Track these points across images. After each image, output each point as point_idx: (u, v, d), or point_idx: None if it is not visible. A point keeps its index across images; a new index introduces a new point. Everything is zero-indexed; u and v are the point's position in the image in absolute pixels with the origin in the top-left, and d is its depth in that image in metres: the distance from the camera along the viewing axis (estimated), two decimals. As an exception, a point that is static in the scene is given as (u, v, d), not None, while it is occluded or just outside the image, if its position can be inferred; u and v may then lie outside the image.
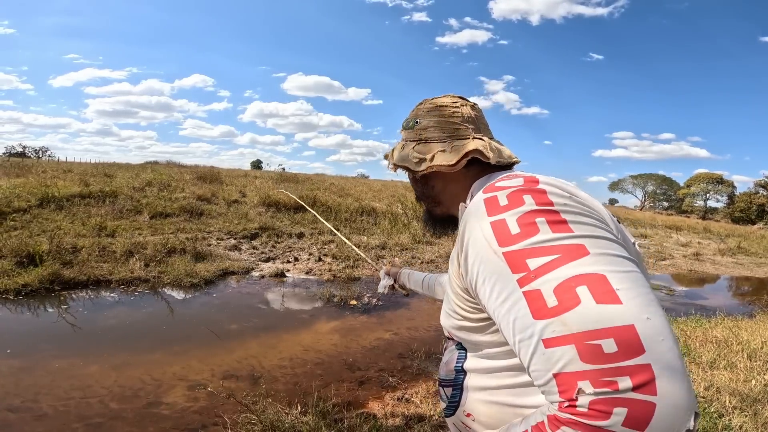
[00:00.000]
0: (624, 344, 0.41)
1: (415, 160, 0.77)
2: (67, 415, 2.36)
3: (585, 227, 0.51)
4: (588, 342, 0.42)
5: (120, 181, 9.90)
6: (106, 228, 6.55)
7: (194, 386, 2.79)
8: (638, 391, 0.40)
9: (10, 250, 4.91)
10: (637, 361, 0.41)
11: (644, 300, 0.45)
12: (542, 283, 0.47)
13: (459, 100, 0.80)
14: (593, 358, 0.42)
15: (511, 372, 0.61)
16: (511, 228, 0.52)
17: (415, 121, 0.81)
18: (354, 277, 6.13)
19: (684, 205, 49.70)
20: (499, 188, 0.58)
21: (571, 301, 0.44)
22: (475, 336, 0.64)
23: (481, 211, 0.57)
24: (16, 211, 6.50)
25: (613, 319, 0.43)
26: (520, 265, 0.49)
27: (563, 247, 0.48)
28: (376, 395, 2.88)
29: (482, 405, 0.64)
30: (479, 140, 0.75)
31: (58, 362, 2.99)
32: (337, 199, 11.19)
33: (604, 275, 0.46)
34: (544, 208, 0.52)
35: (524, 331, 0.47)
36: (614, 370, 0.41)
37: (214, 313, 4.35)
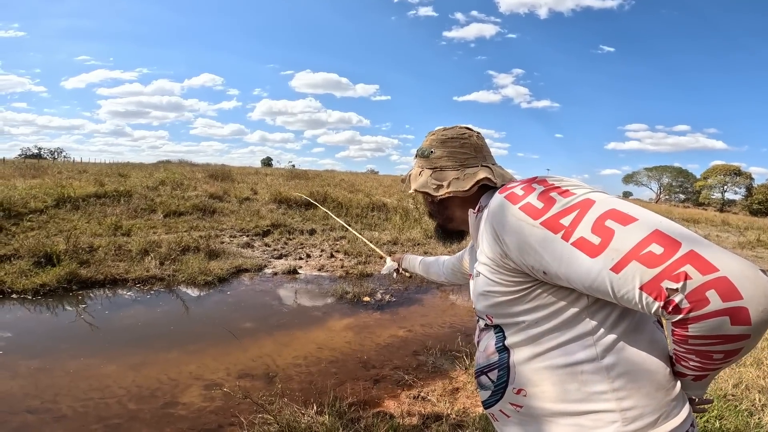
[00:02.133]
0: (664, 243, 0.53)
1: (434, 187, 0.90)
2: (86, 416, 2.37)
3: (581, 190, 0.66)
4: (642, 252, 0.53)
5: (134, 181, 10.01)
6: (121, 227, 6.63)
7: (210, 386, 2.79)
8: (706, 273, 0.49)
9: (27, 250, 4.98)
10: (683, 250, 0.51)
11: (648, 212, 0.59)
12: (581, 230, 0.59)
13: (467, 131, 0.93)
14: (655, 262, 0.52)
15: (554, 333, 0.69)
16: (537, 205, 0.65)
17: (430, 150, 0.93)
18: (366, 273, 6.10)
19: (701, 198, 48.71)
20: (511, 187, 0.72)
21: (608, 233, 0.57)
22: (515, 307, 0.72)
23: (506, 205, 0.69)
24: (32, 211, 6.60)
25: (642, 230, 0.55)
26: (557, 226, 0.62)
27: (578, 204, 0.62)
28: (391, 394, 2.85)
29: (535, 373, 0.70)
30: (487, 168, 0.88)
31: (76, 362, 3.02)
32: (348, 195, 11.18)
33: (614, 208, 0.60)
34: (550, 186, 0.68)
35: (590, 272, 0.57)
36: (677, 262, 0.50)
37: (228, 311, 4.37)
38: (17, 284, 4.30)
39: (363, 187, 14.17)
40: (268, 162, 56.49)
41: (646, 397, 0.64)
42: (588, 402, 0.65)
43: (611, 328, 0.66)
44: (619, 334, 0.66)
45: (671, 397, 0.65)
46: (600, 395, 0.64)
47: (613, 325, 0.67)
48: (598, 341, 0.66)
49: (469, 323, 4.31)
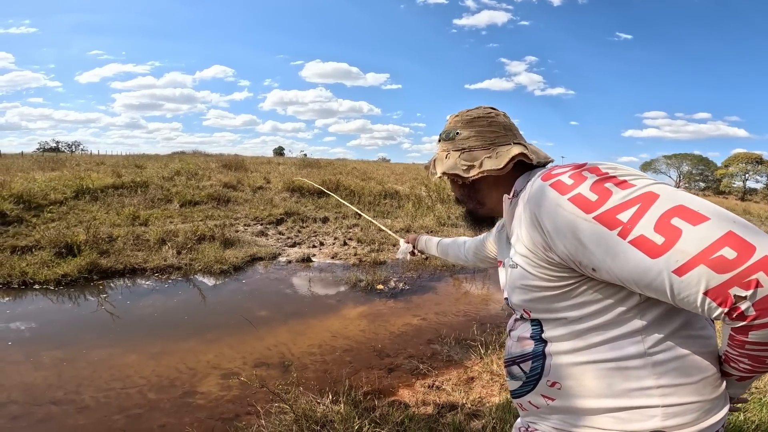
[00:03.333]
0: (738, 247, 0.48)
1: (464, 167, 0.83)
2: (108, 407, 2.43)
3: (640, 180, 0.59)
4: (712, 257, 0.48)
5: (150, 172, 10.14)
6: (139, 217, 6.74)
7: (227, 375, 2.83)
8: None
9: (48, 241, 5.10)
10: (758, 255, 0.46)
11: (720, 210, 0.52)
12: (641, 228, 0.53)
13: (493, 111, 0.88)
14: (725, 268, 0.48)
15: (599, 330, 0.65)
16: (590, 197, 0.59)
17: (456, 132, 0.87)
18: (380, 261, 6.10)
19: (722, 186, 47.51)
20: (557, 174, 0.66)
21: (674, 233, 0.51)
22: (558, 303, 0.68)
23: (553, 194, 0.63)
24: (52, 203, 6.75)
25: (714, 232, 0.49)
26: (613, 222, 0.56)
27: (639, 197, 0.56)
28: (406, 383, 2.86)
29: (574, 367, 0.67)
30: (521, 145, 0.82)
31: (98, 352, 3.10)
32: (360, 183, 11.14)
33: (682, 204, 0.53)
34: (605, 176, 0.60)
35: (648, 272, 0.53)
36: (749, 269, 0.46)
37: (244, 299, 4.42)
38: (39, 275, 4.42)
39: (375, 175, 14.11)
40: (280, 151, 56.71)
41: (690, 395, 0.62)
42: (632, 397, 0.63)
43: (661, 325, 0.63)
44: (669, 331, 0.63)
45: (715, 396, 0.64)
46: (645, 391, 0.62)
47: (664, 322, 0.63)
48: (647, 337, 0.63)
49: (483, 312, 4.28)
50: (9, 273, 4.38)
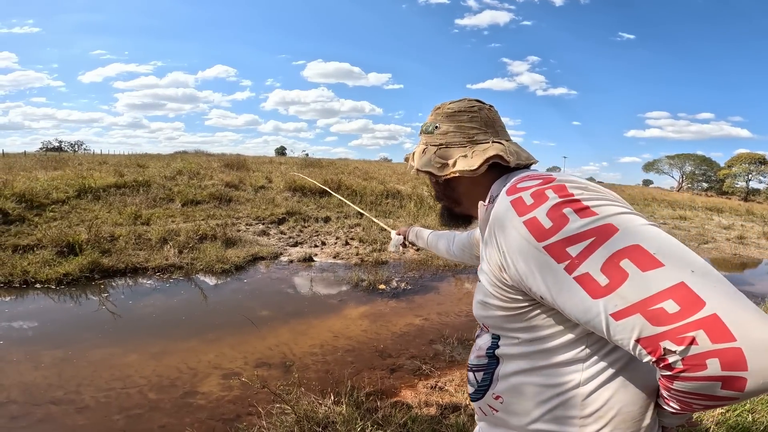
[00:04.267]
0: (683, 301, 0.45)
1: (438, 165, 0.80)
2: (108, 407, 2.41)
3: (606, 208, 0.54)
4: (651, 308, 0.46)
5: (152, 171, 10.14)
6: (141, 216, 6.74)
7: (228, 375, 2.82)
8: (717, 341, 0.42)
9: (50, 240, 5.10)
10: (704, 314, 0.43)
11: (681, 255, 0.48)
12: (588, 266, 0.50)
13: (477, 104, 0.82)
14: (662, 321, 0.45)
15: (546, 354, 0.64)
16: (544, 223, 0.55)
17: (435, 125, 0.83)
18: (381, 260, 6.08)
19: (725, 187, 47.36)
20: (521, 189, 0.62)
21: (620, 276, 0.48)
22: (511, 323, 0.67)
23: (510, 213, 0.60)
24: (55, 202, 6.75)
25: (663, 282, 0.46)
26: (562, 254, 0.53)
27: (594, 230, 0.52)
28: (408, 383, 2.84)
29: (515, 387, 0.67)
30: (499, 144, 0.77)
31: (99, 352, 3.08)
32: (362, 183, 11.12)
33: (638, 245, 0.49)
34: (567, 199, 0.56)
35: (588, 312, 0.51)
36: (689, 326, 0.44)
37: (245, 299, 4.41)
38: (41, 274, 4.41)
39: (377, 175, 14.08)
40: (282, 151, 56.79)
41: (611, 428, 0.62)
42: (554, 423, 0.64)
43: (605, 356, 0.62)
44: (610, 363, 0.62)
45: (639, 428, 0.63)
46: (568, 419, 0.63)
47: (608, 353, 0.62)
48: (587, 369, 0.62)
49: (486, 311, 4.25)
50: (10, 272, 4.38)
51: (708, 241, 10.52)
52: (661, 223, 13.01)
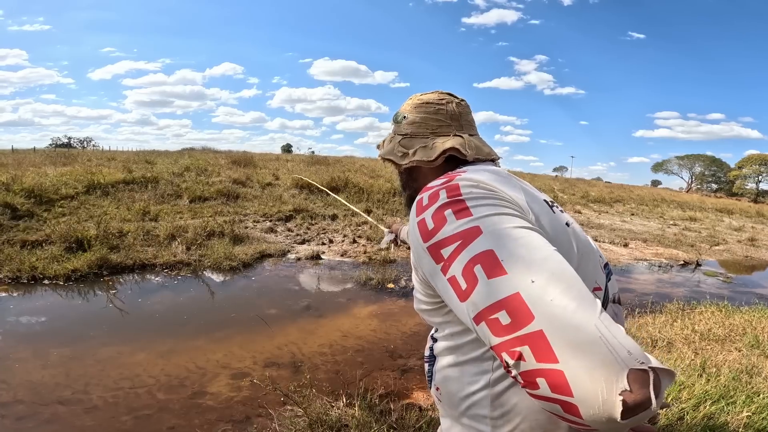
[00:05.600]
0: (514, 313, 0.44)
1: (399, 154, 0.82)
2: (116, 407, 2.37)
3: (483, 208, 0.55)
4: (490, 317, 0.46)
5: (160, 168, 10.15)
6: (149, 212, 6.72)
7: (237, 375, 2.77)
8: (541, 360, 0.41)
9: (59, 235, 5.09)
10: (530, 329, 0.42)
11: (529, 262, 0.46)
12: (454, 268, 0.52)
13: (446, 97, 0.84)
14: (499, 331, 0.45)
15: (462, 351, 0.66)
16: (428, 224, 0.57)
17: (403, 116, 0.85)
18: (390, 259, 6.01)
19: (735, 188, 46.88)
20: (427, 188, 0.64)
21: (473, 282, 0.49)
22: (434, 317, 0.70)
23: (413, 212, 0.63)
24: (64, 198, 6.75)
25: (501, 291, 0.46)
26: (438, 255, 0.55)
27: (463, 232, 0.53)
28: (420, 385, 2.77)
29: (446, 379, 0.69)
30: (458, 138, 0.79)
31: (107, 350, 3.04)
32: (369, 180, 11.06)
33: (492, 250, 0.49)
34: (453, 199, 0.58)
35: (461, 314, 0.51)
36: (516, 340, 0.43)
37: (253, 297, 4.36)
38: (49, 270, 4.39)
39: (383, 173, 14.01)
40: (288, 148, 56.87)
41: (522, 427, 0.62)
42: (473, 420, 0.66)
43: None
44: None
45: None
46: (482, 418, 0.64)
47: None
48: (497, 369, 0.62)
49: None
50: (19, 267, 4.36)
51: (719, 243, 10.37)
52: (671, 224, 12.82)
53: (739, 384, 2.45)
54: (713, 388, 2.33)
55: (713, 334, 3.48)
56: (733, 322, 3.81)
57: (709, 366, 2.71)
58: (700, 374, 2.56)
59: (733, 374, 2.58)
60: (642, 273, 6.77)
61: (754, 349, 3.19)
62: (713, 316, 4.02)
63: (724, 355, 3.02)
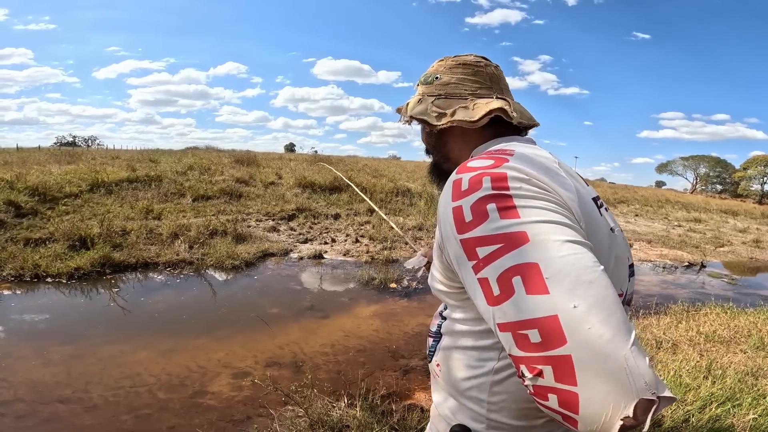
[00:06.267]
0: (547, 335, 0.44)
1: (435, 114, 0.77)
2: (116, 406, 2.36)
3: (533, 210, 0.52)
4: (519, 331, 0.46)
5: (164, 166, 10.17)
6: (152, 211, 6.73)
7: (238, 374, 2.76)
8: (560, 381, 0.43)
9: (62, 233, 5.10)
10: (559, 352, 0.43)
11: (573, 287, 0.45)
12: (488, 271, 0.50)
13: (483, 60, 0.80)
14: (524, 347, 0.46)
15: (473, 336, 0.66)
16: (466, 216, 0.54)
17: (435, 76, 0.80)
18: (392, 259, 6.00)
19: (739, 189, 46.54)
20: (468, 170, 0.59)
21: (508, 292, 0.48)
22: (449, 299, 0.69)
23: (448, 194, 0.58)
24: (67, 196, 6.78)
25: (539, 310, 0.45)
26: (472, 252, 0.52)
27: (506, 235, 0.50)
28: (422, 386, 2.76)
29: (448, 358, 0.71)
30: (503, 100, 0.75)
31: (108, 348, 3.04)
32: (372, 180, 11.04)
33: (537, 264, 0.47)
34: (498, 192, 0.54)
35: (485, 314, 0.51)
36: (541, 359, 0.44)
37: (255, 296, 4.36)
38: (52, 268, 4.40)
39: (386, 172, 14.00)
40: (291, 148, 56.96)
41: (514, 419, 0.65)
42: (471, 401, 0.68)
43: None
44: None
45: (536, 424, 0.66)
46: (479, 401, 0.66)
47: None
48: (502, 359, 0.64)
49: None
50: (22, 265, 4.38)
51: (724, 244, 10.30)
52: (675, 225, 12.75)
53: (744, 386, 2.43)
54: (719, 390, 2.30)
55: (718, 335, 3.45)
56: (738, 324, 3.78)
57: (715, 368, 2.69)
58: (705, 376, 2.54)
59: (738, 376, 2.55)
60: (646, 274, 6.73)
61: (759, 351, 3.16)
62: (718, 318, 3.98)
63: (730, 357, 2.99)
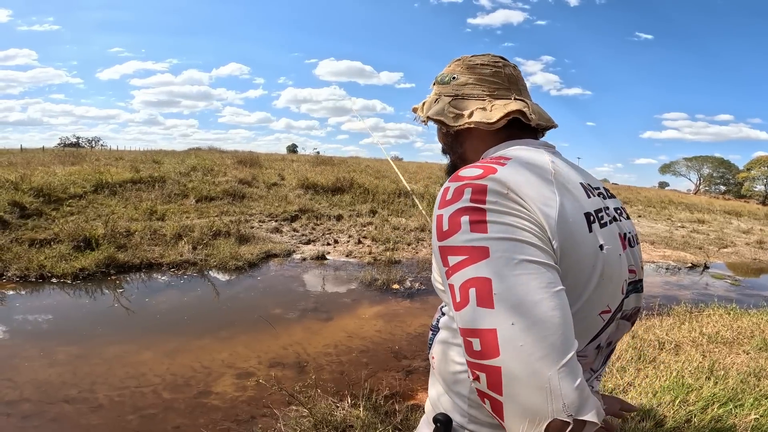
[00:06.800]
0: (485, 345, 0.51)
1: (452, 115, 0.77)
2: (122, 406, 2.38)
3: (500, 227, 0.55)
4: (467, 338, 0.53)
5: (167, 167, 10.21)
6: (156, 212, 6.77)
7: (242, 375, 2.78)
8: (491, 389, 0.51)
9: (67, 234, 5.13)
10: (492, 363, 0.50)
11: (514, 305, 0.51)
12: (455, 279, 0.55)
13: (500, 60, 0.80)
14: (469, 352, 0.53)
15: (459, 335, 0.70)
16: (444, 224, 0.58)
17: (452, 76, 0.80)
18: (395, 260, 6.01)
19: (743, 190, 46.28)
20: (457, 179, 0.62)
21: (465, 301, 0.53)
22: (444, 297, 0.72)
23: (437, 200, 0.62)
24: (72, 197, 6.81)
25: (483, 322, 0.51)
26: (445, 259, 0.57)
27: (472, 248, 0.54)
28: (424, 386, 2.77)
29: (440, 352, 0.74)
30: (521, 101, 0.75)
31: (113, 348, 3.06)
32: (374, 181, 11.06)
33: (490, 279, 0.52)
34: (473, 205, 0.57)
35: (454, 315, 0.56)
36: (478, 366, 0.52)
37: (258, 297, 4.38)
38: (57, 268, 4.44)
39: (389, 174, 14.01)
40: (293, 149, 57.08)
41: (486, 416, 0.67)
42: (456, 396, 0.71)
43: None
44: None
45: None
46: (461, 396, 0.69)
47: None
48: None
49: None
50: (27, 266, 4.41)
51: (727, 245, 10.27)
52: (679, 226, 12.70)
53: (746, 386, 2.43)
54: (721, 391, 2.31)
55: (721, 336, 3.45)
56: (741, 325, 3.77)
57: (717, 369, 2.69)
58: (708, 377, 2.54)
59: (740, 377, 2.56)
60: (649, 275, 6.71)
61: (762, 351, 3.15)
62: (721, 319, 3.98)
63: (732, 358, 2.99)
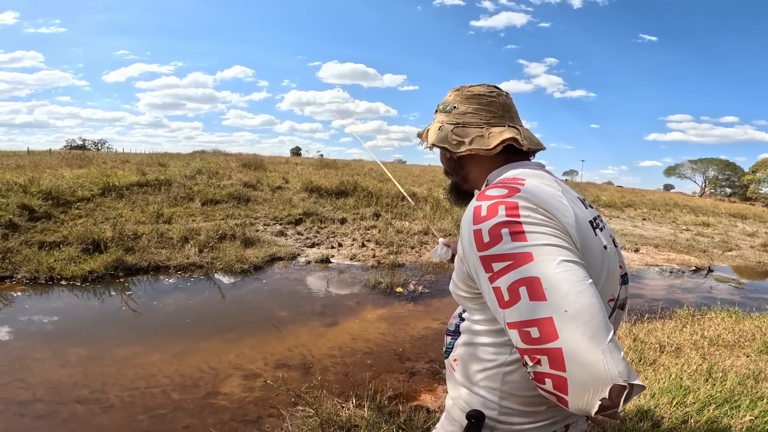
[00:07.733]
0: (544, 332, 0.58)
1: (454, 142, 0.86)
2: (132, 406, 2.45)
3: (538, 235, 0.64)
4: (523, 329, 0.60)
5: (173, 170, 10.31)
6: (163, 215, 6.86)
7: (249, 376, 2.84)
8: (553, 368, 0.57)
9: (76, 237, 5.22)
10: (553, 345, 0.57)
11: (564, 295, 0.59)
12: (501, 282, 0.63)
13: (495, 90, 0.90)
14: (526, 341, 0.60)
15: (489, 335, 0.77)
16: (484, 237, 0.67)
17: (453, 106, 0.89)
18: (398, 263, 6.06)
19: (749, 192, 45.96)
20: (487, 198, 0.71)
21: (516, 298, 0.62)
22: (468, 303, 0.80)
23: (469, 217, 0.71)
24: (80, 200, 6.91)
25: (538, 312, 0.59)
26: (488, 266, 0.66)
27: (515, 255, 0.63)
28: (428, 387, 2.82)
29: (464, 354, 0.82)
30: (514, 128, 0.85)
31: (123, 350, 3.13)
32: (378, 184, 11.11)
33: (539, 277, 0.61)
34: (510, 219, 0.66)
35: (498, 314, 0.65)
36: (539, 351, 0.58)
37: (264, 299, 4.44)
38: (66, 271, 4.52)
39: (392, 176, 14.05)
40: (297, 151, 57.17)
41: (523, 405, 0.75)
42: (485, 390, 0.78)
43: None
44: None
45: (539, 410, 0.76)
46: (493, 389, 0.77)
47: None
48: (514, 354, 0.74)
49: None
50: (37, 268, 4.50)
51: (732, 248, 10.23)
52: (683, 229, 12.67)
53: (744, 388, 2.46)
54: (718, 393, 2.34)
55: (722, 339, 3.47)
56: (743, 328, 3.79)
57: (716, 371, 2.72)
58: (706, 379, 2.57)
59: (739, 379, 2.58)
60: (653, 278, 6.72)
61: (762, 354, 3.18)
62: (723, 322, 4.00)
63: (732, 361, 3.02)
